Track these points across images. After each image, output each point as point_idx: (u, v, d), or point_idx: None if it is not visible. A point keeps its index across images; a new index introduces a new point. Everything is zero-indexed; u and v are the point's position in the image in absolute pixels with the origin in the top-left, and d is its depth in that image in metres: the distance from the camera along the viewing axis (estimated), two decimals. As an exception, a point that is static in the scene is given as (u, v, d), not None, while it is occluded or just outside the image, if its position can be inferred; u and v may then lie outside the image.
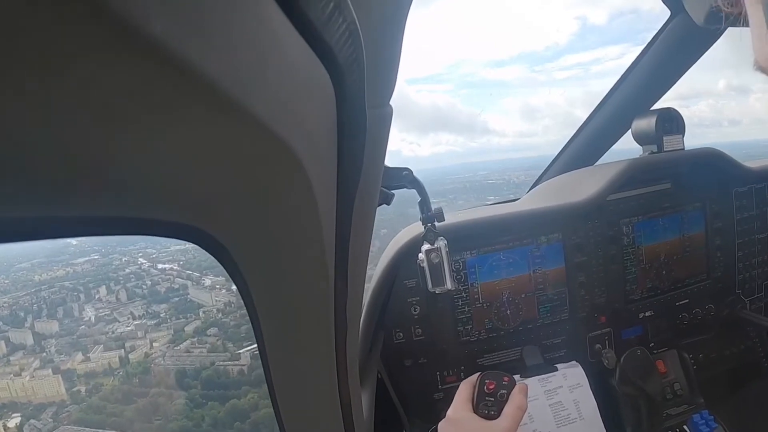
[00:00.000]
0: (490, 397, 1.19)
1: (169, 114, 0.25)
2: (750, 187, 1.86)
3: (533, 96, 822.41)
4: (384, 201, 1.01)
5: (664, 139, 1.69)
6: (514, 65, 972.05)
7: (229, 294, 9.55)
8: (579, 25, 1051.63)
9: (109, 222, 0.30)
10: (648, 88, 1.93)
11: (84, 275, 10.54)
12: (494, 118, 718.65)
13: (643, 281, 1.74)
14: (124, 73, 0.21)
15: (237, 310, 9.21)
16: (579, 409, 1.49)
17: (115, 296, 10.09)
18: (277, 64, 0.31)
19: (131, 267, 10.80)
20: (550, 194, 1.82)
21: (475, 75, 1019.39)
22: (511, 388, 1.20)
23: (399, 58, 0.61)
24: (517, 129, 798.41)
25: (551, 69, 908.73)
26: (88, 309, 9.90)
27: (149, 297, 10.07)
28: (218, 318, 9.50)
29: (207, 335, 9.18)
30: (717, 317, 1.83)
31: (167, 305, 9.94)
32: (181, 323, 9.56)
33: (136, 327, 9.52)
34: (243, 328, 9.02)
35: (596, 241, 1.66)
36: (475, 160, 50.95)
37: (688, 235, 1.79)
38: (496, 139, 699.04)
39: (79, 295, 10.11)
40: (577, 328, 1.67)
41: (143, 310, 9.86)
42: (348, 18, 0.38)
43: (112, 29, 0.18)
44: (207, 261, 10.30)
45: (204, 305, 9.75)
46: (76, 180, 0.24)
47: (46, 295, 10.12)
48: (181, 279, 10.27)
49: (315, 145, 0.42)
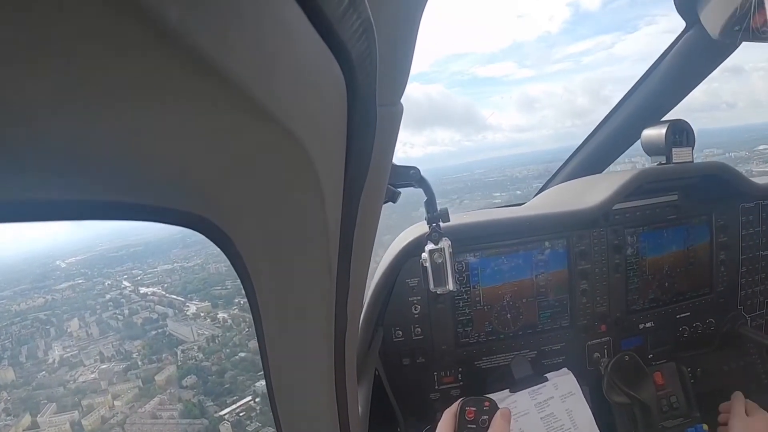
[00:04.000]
0: (471, 425, 1.18)
1: (181, 104, 0.25)
2: (757, 203, 1.85)
3: (530, 86, 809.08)
4: (390, 198, 1.01)
5: (674, 150, 1.68)
6: (507, 61, 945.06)
7: (213, 325, 8.74)
8: (571, 12, 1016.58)
9: (121, 207, 0.30)
10: (659, 99, 1.93)
11: (63, 303, 9.90)
12: (491, 112, 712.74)
13: (646, 292, 1.74)
14: (138, 61, 0.21)
15: (221, 349, 8.33)
16: (572, 418, 1.48)
17: (87, 331, 9.26)
18: (290, 58, 0.31)
19: (113, 292, 10.08)
20: (556, 200, 1.81)
21: (464, 73, 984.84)
22: (492, 413, 1.18)
23: (412, 56, 0.61)
24: (513, 123, 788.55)
25: (542, 63, 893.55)
26: (56, 347, 9.03)
27: (124, 331, 9.28)
28: (198, 360, 8.43)
29: (182, 387, 8.02)
30: (717, 332, 1.83)
31: (141, 342, 9.09)
32: (153, 369, 8.43)
33: (100, 374, 8.38)
34: (227, 376, 7.94)
35: (600, 250, 1.66)
36: (471, 160, 50.22)
37: (693, 247, 1.79)
38: (491, 136, 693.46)
39: (49, 330, 9.37)
40: (576, 336, 1.67)
41: (114, 349, 8.93)
42: (363, 14, 0.39)
43: (127, 14, 0.18)
44: (192, 283, 9.87)
45: (184, 341, 8.82)
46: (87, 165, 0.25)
47: (16, 330, 9.40)
48: (161, 307, 9.49)
49: (324, 140, 0.42)
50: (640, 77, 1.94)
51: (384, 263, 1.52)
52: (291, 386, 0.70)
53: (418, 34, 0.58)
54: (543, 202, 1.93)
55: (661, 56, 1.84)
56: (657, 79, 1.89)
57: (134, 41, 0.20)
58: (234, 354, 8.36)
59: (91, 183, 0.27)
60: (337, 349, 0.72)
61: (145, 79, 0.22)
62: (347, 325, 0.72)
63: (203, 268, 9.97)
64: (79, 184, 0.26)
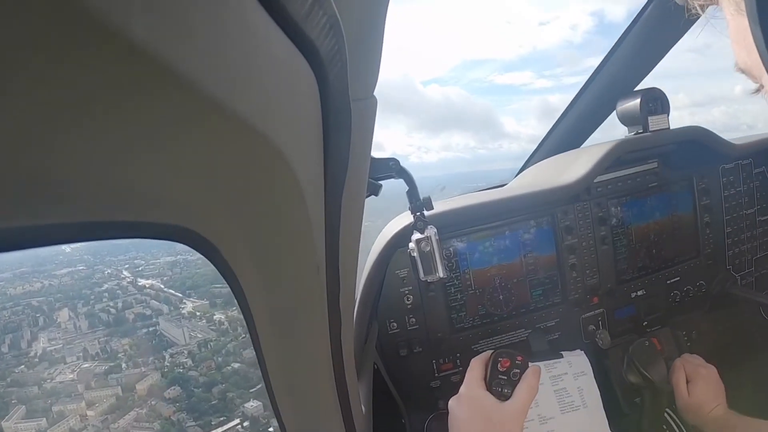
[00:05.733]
0: (503, 376, 1.18)
1: (152, 115, 0.25)
2: (736, 164, 1.87)
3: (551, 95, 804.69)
4: (372, 192, 1.01)
5: (649, 119, 1.70)
6: (525, 70, 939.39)
7: (209, 326, 8.04)
8: (595, 23, 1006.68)
9: (98, 227, 0.30)
10: (632, 69, 1.93)
11: (59, 290, 9.27)
12: (509, 120, 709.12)
13: (634, 261, 1.76)
14: (105, 75, 0.20)
15: (212, 356, 7.55)
16: (583, 396, 1.49)
17: (75, 323, 8.60)
18: (260, 61, 0.31)
19: (110, 282, 9.43)
20: (537, 178, 1.82)
21: (483, 81, 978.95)
22: (524, 368, 1.18)
23: (381, 49, 0.61)
24: (530, 132, 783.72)
25: (561, 74, 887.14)
26: (41, 339, 8.36)
27: (114, 326, 8.54)
28: (186, 368, 7.60)
29: (164, 399, 7.14)
30: (708, 294, 1.85)
31: (130, 341, 8.36)
32: (136, 376, 7.56)
33: (79, 375, 7.60)
34: (215, 390, 7.05)
35: (585, 223, 1.67)
36: (484, 168, 49.74)
37: (677, 213, 1.81)
38: (506, 145, 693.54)
39: (38, 318, 8.72)
40: (570, 311, 1.68)
41: (100, 345, 8.18)
42: (329, 11, 0.38)
43: (90, 29, 0.18)
44: (192, 279, 9.23)
45: (175, 343, 8.04)
46: (64, 187, 0.24)
47: (5, 316, 8.79)
48: (157, 302, 8.85)
49: (300, 140, 0.42)
50: (610, 49, 1.95)
51: (372, 257, 1.51)
52: (291, 388, 0.70)
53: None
54: (524, 181, 1.94)
55: (630, 26, 1.85)
56: (627, 50, 1.89)
57: (99, 54, 0.19)
58: (226, 364, 7.70)
59: (67, 205, 0.26)
60: (333, 347, 0.72)
61: (113, 94, 0.22)
62: (341, 322, 0.72)
63: (206, 262, 9.58)
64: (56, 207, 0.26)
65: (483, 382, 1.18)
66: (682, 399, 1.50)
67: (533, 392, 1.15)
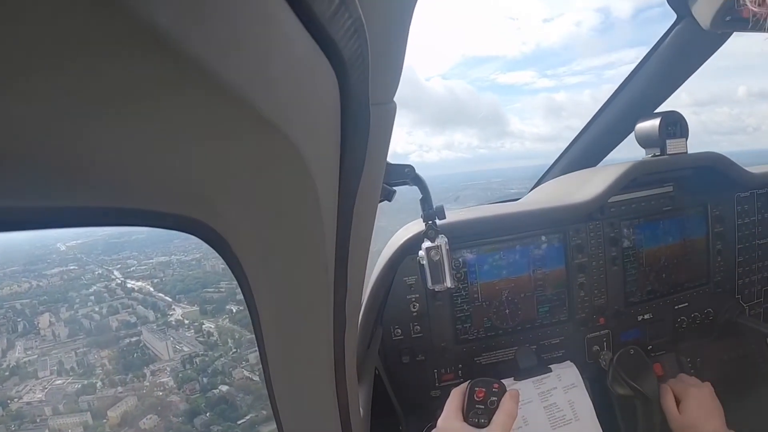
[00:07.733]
0: (480, 405, 1.19)
1: (172, 107, 0.25)
2: (752, 192, 1.85)
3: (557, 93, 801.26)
4: (385, 197, 1.02)
5: (668, 142, 1.69)
6: (528, 69, 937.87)
7: (196, 339, 7.38)
8: (600, 20, 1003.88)
9: (112, 213, 0.30)
10: (652, 91, 1.93)
11: (45, 292, 8.80)
12: (513, 120, 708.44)
13: (643, 284, 1.74)
14: (128, 66, 0.21)
15: (197, 376, 6.77)
16: (574, 409, 1.48)
17: (54, 330, 8.03)
18: (282, 59, 0.31)
19: (99, 284, 9.01)
20: (552, 194, 1.82)
21: (485, 79, 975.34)
22: (501, 395, 1.20)
23: (404, 54, 0.61)
24: (535, 132, 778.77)
25: (563, 74, 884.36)
26: (18, 347, 7.79)
27: (95, 335, 7.99)
28: (167, 390, 6.86)
29: (138, 430, 6.35)
30: (716, 322, 1.83)
31: (109, 353, 7.75)
32: (110, 399, 6.81)
33: (48, 395, 6.96)
34: (197, 422, 6.28)
35: (597, 243, 1.66)
36: (485, 168, 48.88)
37: (689, 239, 1.79)
38: (509, 144, 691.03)
39: (18, 324, 8.22)
40: (575, 329, 1.67)
41: (77, 358, 7.54)
42: (354, 14, 0.38)
43: (116, 21, 0.18)
44: (184, 282, 8.86)
45: (157, 358, 7.38)
46: (80, 171, 0.25)
47: None
48: (144, 308, 8.34)
49: (318, 140, 0.42)
50: (632, 70, 1.94)
51: (381, 262, 1.52)
52: (291, 387, 0.70)
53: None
54: (538, 196, 1.93)
55: (653, 48, 1.84)
56: (649, 72, 1.89)
57: (125, 47, 0.20)
58: (213, 386, 6.77)
59: (83, 189, 0.26)
60: (336, 349, 0.72)
61: (134, 85, 0.22)
62: (346, 324, 0.72)
63: (200, 264, 8.98)
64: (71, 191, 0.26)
65: (460, 413, 1.20)
66: (675, 420, 1.48)
67: (511, 417, 1.16)
